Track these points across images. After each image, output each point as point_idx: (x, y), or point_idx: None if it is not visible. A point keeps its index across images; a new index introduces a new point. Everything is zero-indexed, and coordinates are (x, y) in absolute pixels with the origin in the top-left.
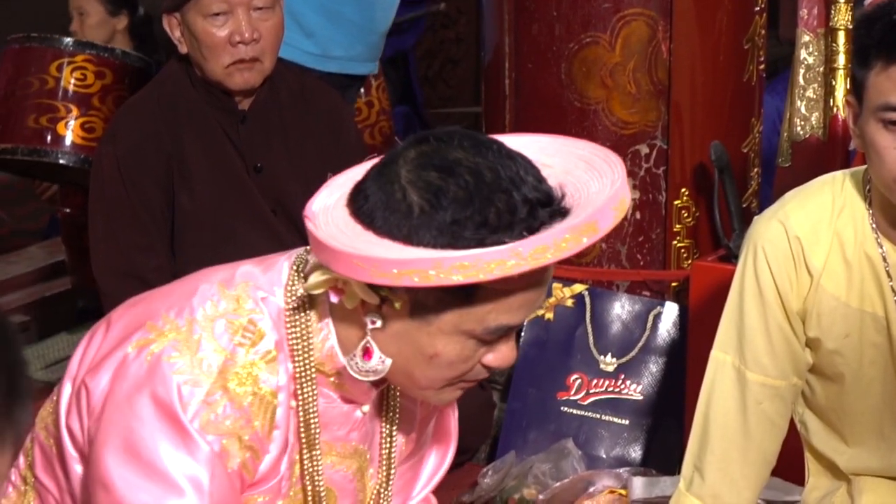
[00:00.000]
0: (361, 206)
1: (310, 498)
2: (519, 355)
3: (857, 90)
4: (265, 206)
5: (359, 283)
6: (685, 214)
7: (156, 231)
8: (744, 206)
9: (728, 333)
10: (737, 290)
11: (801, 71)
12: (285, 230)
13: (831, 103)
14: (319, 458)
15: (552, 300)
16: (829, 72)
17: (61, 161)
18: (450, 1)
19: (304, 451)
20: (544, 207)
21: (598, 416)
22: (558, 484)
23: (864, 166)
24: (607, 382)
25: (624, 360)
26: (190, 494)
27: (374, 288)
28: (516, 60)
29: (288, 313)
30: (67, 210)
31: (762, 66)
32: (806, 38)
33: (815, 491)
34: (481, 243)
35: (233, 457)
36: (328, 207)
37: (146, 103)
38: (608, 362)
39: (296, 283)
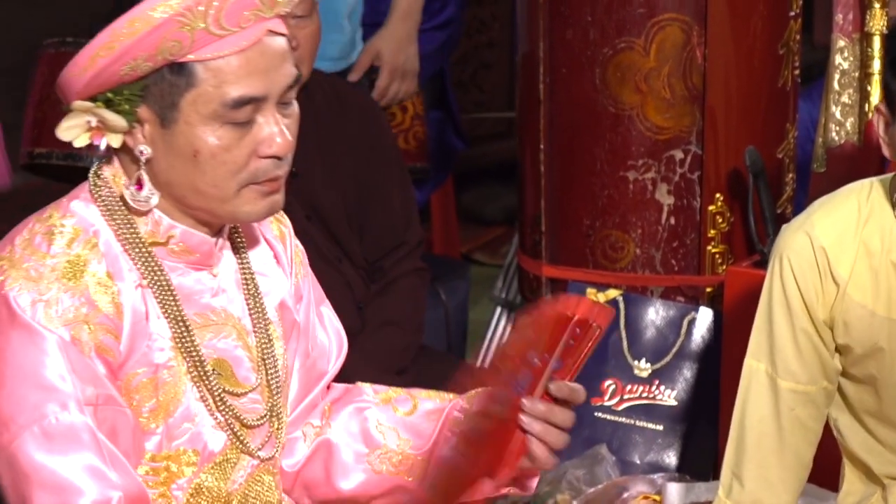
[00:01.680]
0: None
1: (196, 369)
2: None
3: (891, 99)
4: (300, 211)
5: (100, 112)
6: (720, 220)
7: None
8: (778, 211)
9: (759, 342)
10: (765, 300)
11: (837, 76)
12: (320, 236)
13: (866, 108)
14: (190, 329)
15: None
16: (865, 77)
17: None
18: (484, 5)
19: (172, 326)
20: None
21: (633, 421)
22: (592, 490)
23: (892, 174)
24: (641, 388)
25: (658, 365)
26: (60, 386)
27: (112, 108)
28: (550, 65)
29: (100, 205)
30: None
31: (797, 72)
32: (841, 42)
33: (849, 496)
34: None
35: (85, 343)
36: None
37: None
38: (642, 368)
39: (97, 182)
